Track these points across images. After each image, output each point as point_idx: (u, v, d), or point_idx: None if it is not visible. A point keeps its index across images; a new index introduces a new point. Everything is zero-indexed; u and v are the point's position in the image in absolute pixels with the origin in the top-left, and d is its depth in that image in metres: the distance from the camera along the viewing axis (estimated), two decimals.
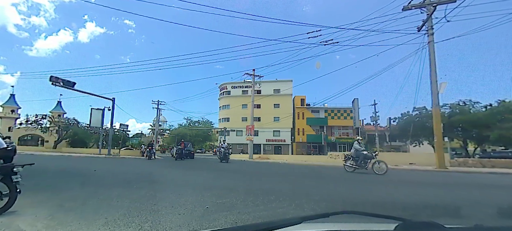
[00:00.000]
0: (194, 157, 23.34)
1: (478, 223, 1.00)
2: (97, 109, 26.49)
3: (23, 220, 2.72)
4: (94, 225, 2.59)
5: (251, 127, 25.45)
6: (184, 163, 14.77)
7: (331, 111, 44.88)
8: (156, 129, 37.98)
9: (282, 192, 5.04)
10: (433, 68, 12.78)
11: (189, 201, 3.86)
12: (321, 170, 11.62)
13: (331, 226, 0.88)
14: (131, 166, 11.64)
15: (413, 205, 4.20)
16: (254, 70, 26.57)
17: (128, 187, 5.37)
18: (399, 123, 28.79)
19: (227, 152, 17.15)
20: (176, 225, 2.67)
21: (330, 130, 44.16)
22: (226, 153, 17.05)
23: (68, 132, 37.32)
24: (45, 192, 4.54)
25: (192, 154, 23.21)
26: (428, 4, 12.54)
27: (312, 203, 3.99)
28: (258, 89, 37.35)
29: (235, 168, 11.83)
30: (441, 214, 3.61)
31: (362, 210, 1.02)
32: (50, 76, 19.22)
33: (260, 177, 8.23)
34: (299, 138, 44.00)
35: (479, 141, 24.56)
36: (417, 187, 6.71)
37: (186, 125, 50.38)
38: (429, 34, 12.87)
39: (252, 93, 27.36)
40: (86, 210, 3.33)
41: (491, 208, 3.97)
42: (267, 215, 3.17)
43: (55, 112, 41.82)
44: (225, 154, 17.02)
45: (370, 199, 4.83)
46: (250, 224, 1.00)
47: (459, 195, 5.52)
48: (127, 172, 8.97)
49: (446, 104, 23.72)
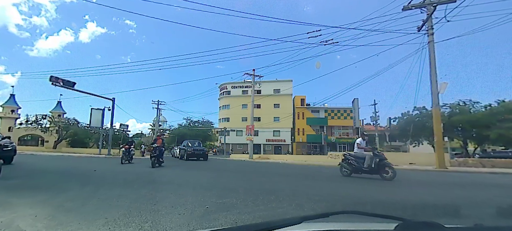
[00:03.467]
0: (207, 158, 17.74)
1: (478, 223, 1.00)
2: (97, 109, 26.52)
3: (23, 220, 2.71)
4: (94, 225, 2.59)
5: (251, 127, 25.45)
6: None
7: (331, 111, 44.92)
8: (156, 129, 38.01)
9: (282, 192, 5.04)
10: (433, 68, 12.78)
11: (189, 201, 3.86)
12: (321, 170, 11.62)
13: (331, 226, 0.88)
14: (131, 166, 11.63)
15: (413, 205, 4.19)
16: (254, 70, 26.62)
17: (128, 187, 5.37)
18: (399, 123, 28.80)
19: (158, 153, 10.77)
20: (176, 225, 2.67)
21: (330, 130, 44.20)
22: (158, 155, 10.75)
23: (68, 132, 37.32)
24: (45, 192, 4.54)
25: (205, 154, 17.65)
26: (428, 4, 12.54)
27: (312, 203, 3.98)
28: (258, 89, 37.36)
29: (235, 168, 11.83)
30: (441, 214, 3.60)
31: (362, 210, 1.02)
32: (50, 76, 19.23)
33: (260, 177, 8.22)
34: (299, 138, 44.03)
35: (479, 141, 24.56)
36: (417, 187, 6.71)
37: (186, 125, 50.39)
38: (429, 34, 12.87)
39: (252, 93, 27.37)
40: (86, 210, 3.33)
41: (491, 208, 3.97)
42: (267, 215, 3.16)
43: (55, 112, 41.86)
44: (157, 156, 10.71)
45: (370, 199, 4.82)
46: (250, 224, 1.00)
47: (459, 195, 5.52)
48: (127, 172, 8.97)
49: (446, 104, 23.74)
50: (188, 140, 19.96)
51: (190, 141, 19.22)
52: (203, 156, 17.09)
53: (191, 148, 17.15)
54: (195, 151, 16.94)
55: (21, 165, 9.73)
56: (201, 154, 17.05)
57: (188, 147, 17.45)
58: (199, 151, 17.15)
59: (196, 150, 17.09)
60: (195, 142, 19.18)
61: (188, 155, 16.47)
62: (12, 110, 43.91)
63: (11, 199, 3.82)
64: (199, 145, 18.62)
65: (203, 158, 17.04)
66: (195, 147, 17.61)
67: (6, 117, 43.10)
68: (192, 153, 16.74)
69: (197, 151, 17.01)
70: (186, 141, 19.56)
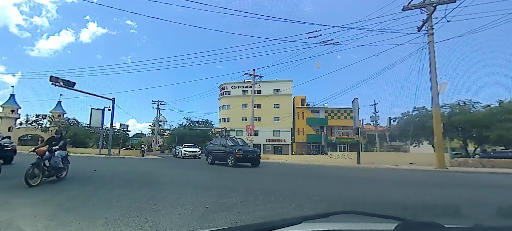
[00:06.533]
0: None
1: (478, 223, 1.00)
2: (97, 109, 26.51)
3: (23, 220, 2.71)
4: (94, 225, 2.59)
5: (251, 127, 25.44)
6: None
7: (331, 111, 44.92)
8: (156, 129, 38.00)
9: (282, 192, 5.04)
10: (433, 68, 12.78)
11: (189, 201, 3.86)
12: (321, 170, 11.61)
13: (331, 226, 0.88)
14: (131, 166, 11.63)
15: (413, 205, 4.19)
16: (254, 70, 26.59)
17: (128, 187, 5.37)
18: (399, 123, 28.80)
19: (53, 158, 5.94)
20: (176, 225, 2.67)
21: (330, 130, 44.19)
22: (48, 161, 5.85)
23: (68, 132, 37.32)
24: (45, 192, 4.54)
25: (259, 158, 12.98)
26: (428, 4, 12.54)
27: (312, 203, 3.99)
28: (258, 89, 37.37)
29: (234, 168, 11.82)
30: (441, 214, 3.60)
31: (362, 210, 1.02)
32: (50, 76, 19.24)
33: (260, 177, 8.22)
34: (299, 138, 44.03)
35: (479, 141, 24.56)
36: (417, 187, 6.71)
37: (186, 125, 50.43)
38: (429, 34, 12.87)
39: (252, 93, 27.37)
40: (86, 210, 3.33)
41: (491, 208, 3.97)
42: (267, 215, 3.17)
43: (55, 112, 41.89)
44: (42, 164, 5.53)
45: (370, 199, 4.82)
46: (250, 224, 1.00)
47: (459, 195, 5.52)
48: (127, 172, 8.97)
49: (446, 104, 23.76)
50: (227, 136, 14.21)
51: (230, 138, 13.89)
52: (256, 161, 12.13)
53: (241, 149, 11.92)
54: (247, 154, 11.87)
55: (21, 165, 9.68)
56: (255, 158, 12.07)
57: (232, 147, 12.10)
58: (253, 154, 12.06)
59: (248, 152, 11.99)
60: (235, 139, 13.98)
61: (238, 159, 11.51)
62: (12, 110, 43.91)
63: (11, 199, 3.82)
64: (245, 145, 13.60)
65: (255, 163, 12.12)
66: (245, 148, 12.43)
67: (6, 117, 43.10)
68: (244, 156, 11.72)
69: (250, 154, 11.95)
70: (224, 137, 14.39)
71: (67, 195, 4.46)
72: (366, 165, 15.13)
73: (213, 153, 13.47)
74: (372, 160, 17.67)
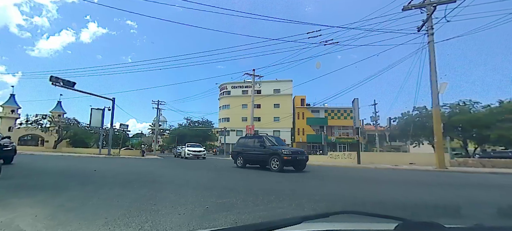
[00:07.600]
0: None
1: (478, 223, 1.00)
2: (97, 109, 26.52)
3: (23, 220, 2.71)
4: (94, 225, 2.59)
5: (251, 127, 25.45)
6: None
7: (331, 111, 44.94)
8: (156, 129, 38.01)
9: (282, 192, 5.04)
10: (433, 68, 12.78)
11: (189, 201, 3.86)
12: (320, 170, 11.61)
13: (331, 226, 0.88)
14: (131, 166, 11.63)
15: (413, 205, 4.19)
16: (254, 70, 26.62)
17: (128, 187, 5.36)
18: (399, 123, 28.82)
19: None
20: (176, 225, 2.67)
21: (330, 130, 44.22)
22: None
23: (68, 132, 37.34)
24: (45, 192, 4.54)
25: (307, 159, 10.73)
26: (428, 4, 12.54)
27: (312, 203, 3.98)
28: (258, 89, 37.36)
29: (234, 168, 11.81)
30: (441, 214, 3.61)
31: (362, 210, 1.02)
32: (50, 76, 19.24)
33: (260, 177, 8.22)
34: (299, 138, 44.04)
35: (479, 141, 24.57)
36: (417, 187, 6.71)
37: (186, 125, 50.43)
38: (429, 34, 12.87)
39: (252, 93, 27.37)
40: (86, 210, 3.33)
41: (491, 208, 3.97)
42: (267, 215, 3.16)
43: (55, 112, 41.83)
44: None
45: (370, 199, 4.82)
46: (250, 224, 1.00)
47: (459, 195, 5.52)
48: (127, 172, 8.97)
49: (446, 104, 23.78)
50: (265, 135, 12.09)
51: (270, 137, 11.77)
52: (303, 164, 10.34)
53: (287, 149, 10.25)
54: (297, 155, 10.08)
55: (21, 165, 9.72)
56: (303, 161, 10.31)
57: (276, 147, 10.40)
58: (302, 156, 10.27)
59: (297, 154, 10.19)
60: (273, 138, 11.98)
61: (285, 162, 9.68)
62: (12, 110, 43.91)
63: (11, 199, 3.82)
64: (285, 144, 11.46)
65: (301, 167, 10.28)
66: (292, 149, 11.03)
67: (6, 117, 43.10)
68: (293, 158, 9.91)
69: (299, 155, 10.18)
70: (261, 136, 12.00)
71: (67, 195, 4.46)
72: (366, 165, 15.13)
73: (245, 155, 11.48)
74: (372, 160, 17.67)
